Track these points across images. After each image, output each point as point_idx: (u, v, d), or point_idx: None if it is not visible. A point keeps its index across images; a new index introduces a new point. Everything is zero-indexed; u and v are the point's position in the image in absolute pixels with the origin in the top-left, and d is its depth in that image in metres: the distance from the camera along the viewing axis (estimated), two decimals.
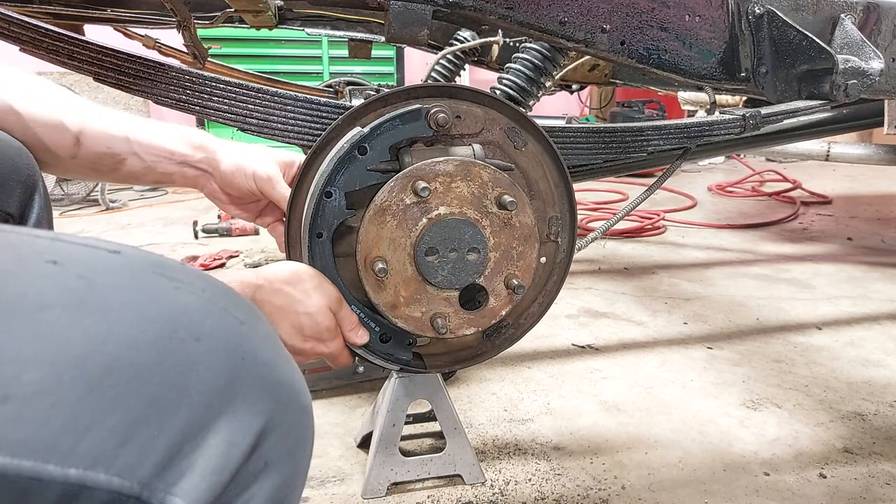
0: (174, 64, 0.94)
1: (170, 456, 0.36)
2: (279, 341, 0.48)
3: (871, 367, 1.76)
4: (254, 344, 0.44)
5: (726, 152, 2.70)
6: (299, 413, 0.45)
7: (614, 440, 1.41)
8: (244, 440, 0.40)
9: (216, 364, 0.40)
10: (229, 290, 0.46)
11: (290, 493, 0.45)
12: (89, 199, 4.06)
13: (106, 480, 0.34)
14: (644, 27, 1.09)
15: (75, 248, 0.41)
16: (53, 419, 0.33)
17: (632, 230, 3.25)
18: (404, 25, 0.98)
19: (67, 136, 0.83)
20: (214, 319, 0.42)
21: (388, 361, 0.99)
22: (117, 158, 0.88)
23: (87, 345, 0.36)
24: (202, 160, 0.96)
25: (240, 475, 0.40)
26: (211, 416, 0.39)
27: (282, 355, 0.47)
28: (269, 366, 0.44)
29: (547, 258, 1.02)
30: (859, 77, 1.14)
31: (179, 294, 0.41)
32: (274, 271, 0.86)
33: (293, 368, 0.47)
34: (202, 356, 0.39)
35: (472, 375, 1.70)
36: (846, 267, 2.69)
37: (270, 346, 0.46)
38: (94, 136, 0.86)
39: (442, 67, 1.63)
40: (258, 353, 0.43)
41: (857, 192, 4.36)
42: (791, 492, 1.23)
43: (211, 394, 0.39)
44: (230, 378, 0.40)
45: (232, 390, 0.40)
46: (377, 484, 1.21)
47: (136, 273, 0.41)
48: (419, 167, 0.88)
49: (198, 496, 0.37)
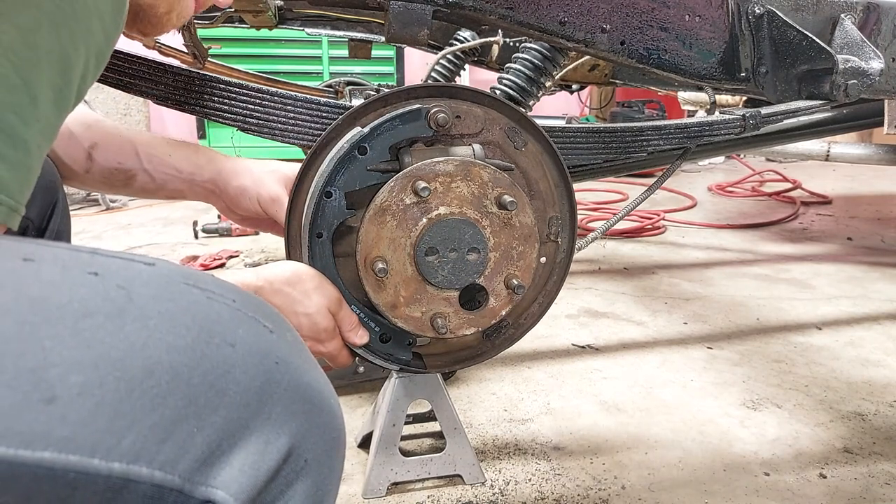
0: (174, 64, 0.94)
1: (209, 452, 0.38)
2: (306, 348, 0.50)
3: (871, 367, 1.76)
4: (285, 351, 0.46)
5: (726, 152, 2.70)
6: (331, 416, 0.47)
7: (614, 440, 1.41)
8: (282, 440, 0.42)
9: (251, 368, 0.42)
10: (258, 300, 0.49)
11: (327, 493, 0.46)
12: (89, 199, 4.05)
13: (148, 474, 0.36)
14: (644, 27, 1.09)
15: (114, 261, 0.44)
16: (97, 417, 0.35)
17: (632, 230, 3.25)
18: (404, 25, 0.98)
19: (80, 151, 0.85)
20: (246, 327, 0.44)
21: (388, 361, 0.99)
22: (129, 174, 0.90)
23: (127, 349, 0.38)
24: (209, 180, 0.97)
25: (280, 474, 0.42)
26: (248, 416, 0.41)
27: (310, 361, 0.49)
28: (300, 371, 0.46)
29: (547, 258, 1.02)
30: (859, 77, 1.14)
31: (212, 304, 0.44)
32: (274, 272, 0.86)
33: (321, 374, 0.49)
34: (237, 360, 0.42)
35: (472, 375, 1.70)
36: (846, 267, 2.69)
37: (300, 353, 0.48)
38: (106, 151, 0.87)
39: (442, 67, 1.63)
40: (289, 358, 0.45)
41: (857, 192, 4.36)
42: (791, 492, 1.23)
43: (247, 395, 0.41)
44: (265, 381, 0.42)
45: (267, 393, 0.42)
46: (377, 484, 1.21)
47: (171, 284, 0.44)
48: (419, 167, 0.88)
49: (239, 490, 0.39)
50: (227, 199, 0.99)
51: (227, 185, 0.98)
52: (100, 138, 0.87)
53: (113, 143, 0.88)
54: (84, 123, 0.86)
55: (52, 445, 0.34)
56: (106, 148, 0.87)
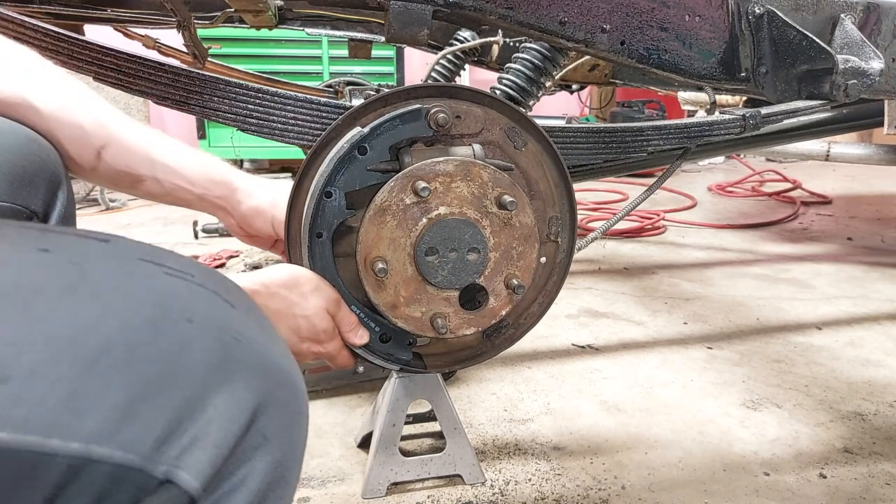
0: (174, 64, 0.94)
1: (169, 430, 0.38)
2: (269, 324, 0.50)
3: (871, 367, 1.76)
4: (245, 326, 0.45)
5: (726, 152, 2.70)
6: (292, 391, 0.47)
7: (614, 440, 1.41)
8: (241, 415, 0.41)
9: (209, 343, 0.41)
10: (218, 275, 0.48)
11: (288, 470, 0.46)
12: (89, 199, 4.05)
13: (108, 453, 0.35)
14: (644, 27, 1.09)
15: (65, 237, 0.43)
16: (53, 397, 0.35)
17: (632, 230, 3.25)
18: (404, 25, 0.98)
19: (89, 149, 0.82)
20: (205, 302, 0.43)
21: (388, 361, 0.99)
22: (137, 178, 0.88)
23: (81, 326, 0.37)
24: (221, 197, 0.95)
25: (239, 449, 0.41)
26: (207, 392, 0.40)
27: (272, 337, 0.48)
28: (261, 346, 0.45)
29: (547, 258, 1.02)
30: (859, 77, 1.14)
31: (170, 279, 0.43)
32: (271, 275, 0.86)
33: (284, 350, 0.48)
34: (195, 336, 0.41)
35: (472, 375, 1.70)
36: (846, 267, 2.69)
37: (261, 328, 0.47)
38: (117, 153, 0.84)
39: (442, 67, 1.63)
40: (250, 333, 0.45)
41: (857, 192, 4.36)
42: (791, 492, 1.23)
43: (206, 371, 0.40)
44: (224, 356, 0.41)
45: (226, 368, 0.41)
46: (377, 484, 1.21)
47: (126, 259, 0.43)
48: (419, 167, 0.88)
49: (199, 468, 0.38)
50: (239, 218, 0.97)
51: (240, 203, 0.96)
52: (113, 139, 0.84)
53: (126, 146, 0.85)
54: (98, 122, 0.82)
55: (9, 426, 0.33)
56: (118, 150, 0.84)
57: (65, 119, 0.79)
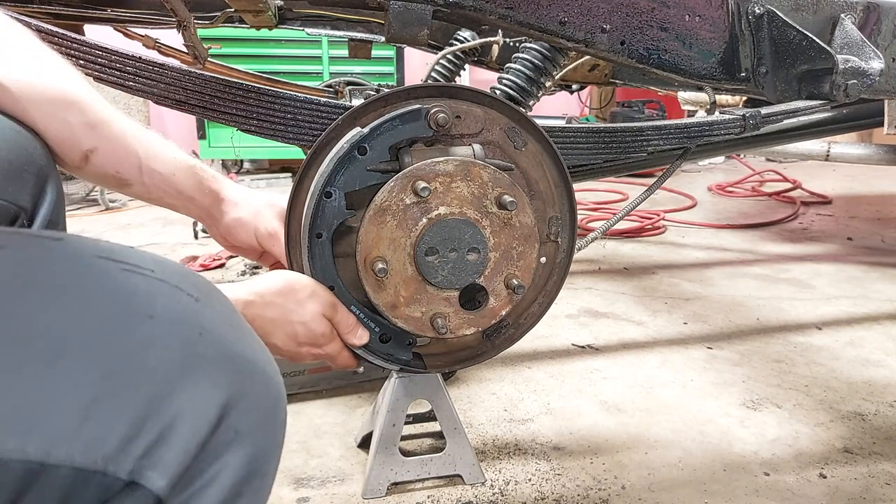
0: (174, 64, 0.94)
1: (133, 430, 0.37)
2: (238, 317, 0.49)
3: (871, 367, 1.76)
4: (210, 320, 0.44)
5: (726, 152, 2.70)
6: (265, 384, 0.46)
7: (614, 440, 1.41)
8: (209, 411, 0.40)
9: (172, 340, 0.40)
10: (182, 269, 0.46)
11: (264, 464, 0.45)
12: (89, 199, 4.05)
13: (67, 457, 0.35)
14: (644, 27, 1.09)
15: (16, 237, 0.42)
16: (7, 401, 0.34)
17: (632, 230, 3.25)
18: (404, 25, 0.98)
19: (76, 151, 0.79)
20: (167, 297, 0.42)
21: (388, 362, 0.99)
22: (124, 182, 0.85)
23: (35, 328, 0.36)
24: (209, 206, 0.93)
25: (209, 446, 0.40)
26: (171, 390, 0.39)
27: (240, 329, 0.47)
28: (227, 340, 0.44)
29: (547, 258, 1.02)
30: (859, 77, 1.14)
31: (128, 275, 0.42)
32: (265, 284, 0.86)
33: (254, 342, 0.48)
34: (156, 332, 0.40)
35: (472, 375, 1.70)
36: (846, 267, 2.69)
37: (228, 322, 0.46)
38: (106, 157, 0.81)
39: (442, 67, 1.63)
40: (215, 327, 0.44)
41: (857, 192, 4.36)
42: (791, 492, 1.23)
43: (169, 368, 0.40)
44: (188, 353, 0.41)
45: (190, 364, 0.41)
46: (377, 484, 1.21)
47: (81, 257, 0.42)
48: (419, 167, 0.88)
49: (165, 466, 0.38)
50: (223, 229, 0.96)
51: (224, 215, 0.95)
52: (102, 143, 0.80)
53: (115, 152, 0.82)
54: (89, 124, 0.79)
55: None
56: (106, 155, 0.81)
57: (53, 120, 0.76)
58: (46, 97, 0.75)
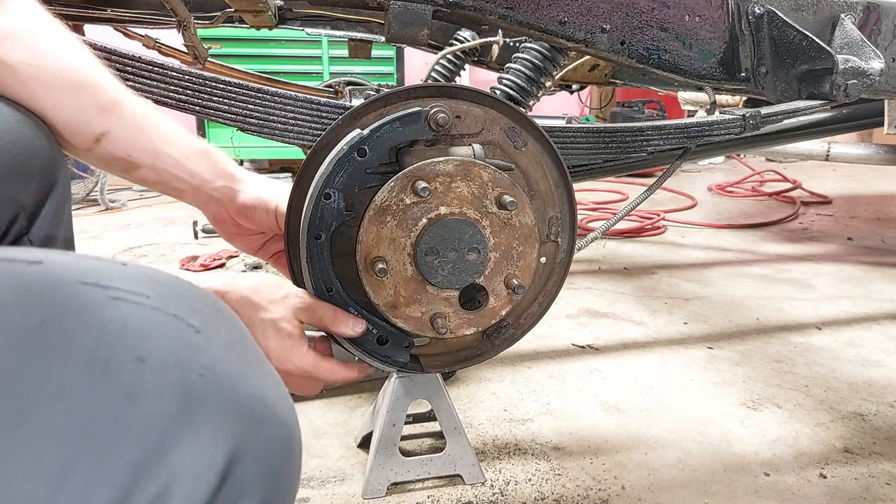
0: (174, 64, 0.93)
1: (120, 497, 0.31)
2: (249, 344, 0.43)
3: (871, 367, 1.76)
4: (212, 355, 0.38)
5: (726, 152, 2.70)
6: (276, 425, 0.40)
7: (614, 440, 1.41)
8: (211, 469, 0.35)
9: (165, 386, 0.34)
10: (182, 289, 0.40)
11: None
12: (89, 199, 4.06)
13: None
14: (644, 27, 1.09)
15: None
16: None
17: (632, 230, 3.25)
18: (404, 25, 0.99)
19: (87, 135, 0.73)
20: (162, 331, 0.36)
21: (386, 363, 0.99)
22: (133, 165, 0.80)
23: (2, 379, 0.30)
24: (220, 188, 0.89)
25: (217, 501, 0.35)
26: (164, 448, 0.33)
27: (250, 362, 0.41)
28: (232, 378, 0.38)
29: (547, 258, 1.02)
30: (859, 77, 1.14)
31: (117, 305, 0.35)
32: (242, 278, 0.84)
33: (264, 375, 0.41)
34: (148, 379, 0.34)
35: (472, 375, 1.70)
36: (846, 267, 2.69)
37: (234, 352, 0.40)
38: (118, 140, 0.76)
39: (442, 67, 1.63)
40: (219, 365, 0.38)
41: (857, 192, 4.36)
42: (791, 492, 1.23)
43: (161, 422, 0.34)
44: (184, 400, 0.35)
45: (187, 414, 0.35)
46: (377, 484, 1.21)
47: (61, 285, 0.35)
48: (419, 167, 0.88)
49: None
50: (236, 209, 0.91)
51: (240, 194, 0.91)
52: (115, 126, 0.75)
53: (129, 135, 0.77)
54: (101, 106, 0.73)
55: None
56: (119, 139, 0.76)
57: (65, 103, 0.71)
58: (57, 79, 0.69)
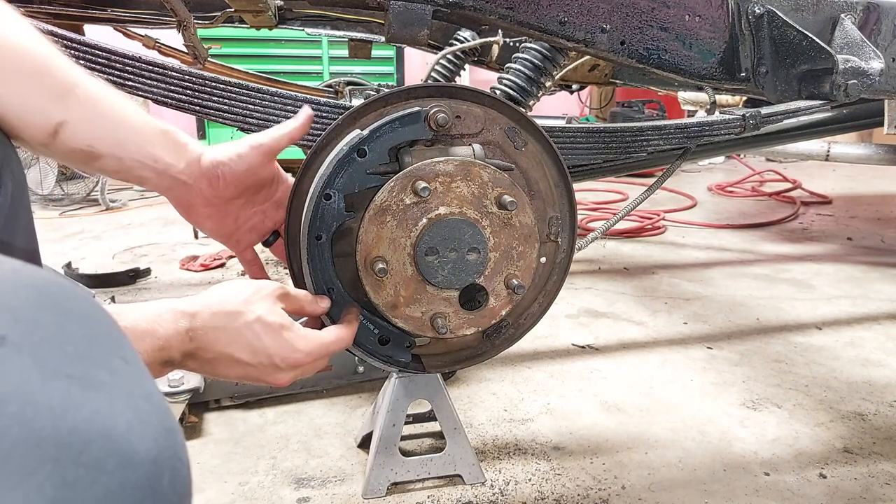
0: (174, 64, 0.93)
1: None
2: (97, 349, 0.34)
3: (871, 367, 1.76)
4: (17, 378, 0.29)
5: (726, 152, 2.70)
6: (127, 472, 0.30)
7: (614, 440, 1.41)
8: None
9: None
10: (48, 320, 0.31)
11: None
12: (89, 199, 4.05)
13: None
14: (644, 27, 1.09)
15: None
16: None
17: (632, 230, 3.25)
18: (404, 25, 0.99)
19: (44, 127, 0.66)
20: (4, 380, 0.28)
21: (388, 364, 0.99)
22: (94, 156, 0.73)
23: None
24: (184, 171, 0.82)
25: None
26: None
27: (88, 378, 0.32)
28: (52, 409, 0.29)
29: (547, 258, 1.02)
30: (859, 77, 1.14)
31: None
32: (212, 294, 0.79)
33: (116, 394, 0.32)
34: None
35: (472, 375, 1.70)
36: (846, 267, 2.69)
37: (62, 369, 0.31)
38: (76, 131, 0.69)
39: (442, 67, 1.63)
40: (26, 393, 0.29)
41: (857, 192, 4.36)
42: (791, 492, 1.23)
43: None
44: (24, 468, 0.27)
45: None
46: (377, 484, 1.21)
47: None
48: (419, 167, 0.88)
49: None
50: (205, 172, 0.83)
51: (206, 154, 0.84)
52: (73, 114, 0.68)
53: (89, 123, 0.70)
54: (58, 93, 0.66)
55: None
56: (78, 128, 0.69)
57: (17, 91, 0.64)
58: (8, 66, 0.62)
